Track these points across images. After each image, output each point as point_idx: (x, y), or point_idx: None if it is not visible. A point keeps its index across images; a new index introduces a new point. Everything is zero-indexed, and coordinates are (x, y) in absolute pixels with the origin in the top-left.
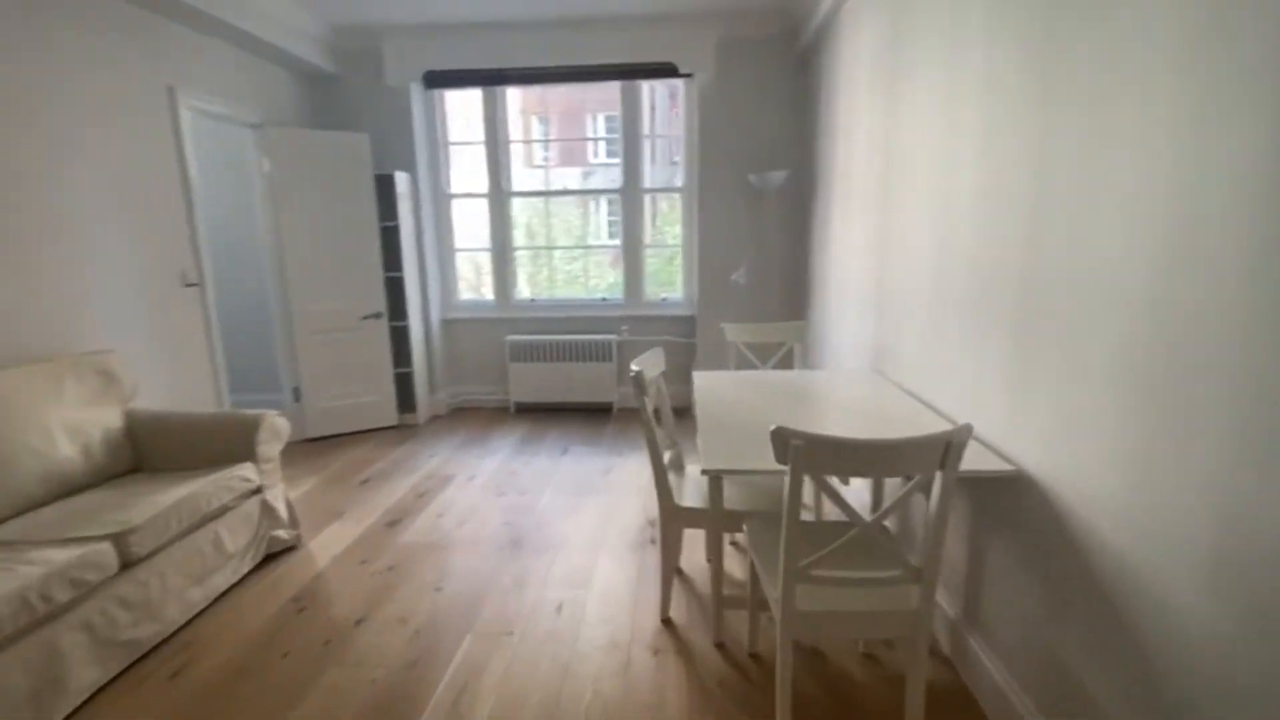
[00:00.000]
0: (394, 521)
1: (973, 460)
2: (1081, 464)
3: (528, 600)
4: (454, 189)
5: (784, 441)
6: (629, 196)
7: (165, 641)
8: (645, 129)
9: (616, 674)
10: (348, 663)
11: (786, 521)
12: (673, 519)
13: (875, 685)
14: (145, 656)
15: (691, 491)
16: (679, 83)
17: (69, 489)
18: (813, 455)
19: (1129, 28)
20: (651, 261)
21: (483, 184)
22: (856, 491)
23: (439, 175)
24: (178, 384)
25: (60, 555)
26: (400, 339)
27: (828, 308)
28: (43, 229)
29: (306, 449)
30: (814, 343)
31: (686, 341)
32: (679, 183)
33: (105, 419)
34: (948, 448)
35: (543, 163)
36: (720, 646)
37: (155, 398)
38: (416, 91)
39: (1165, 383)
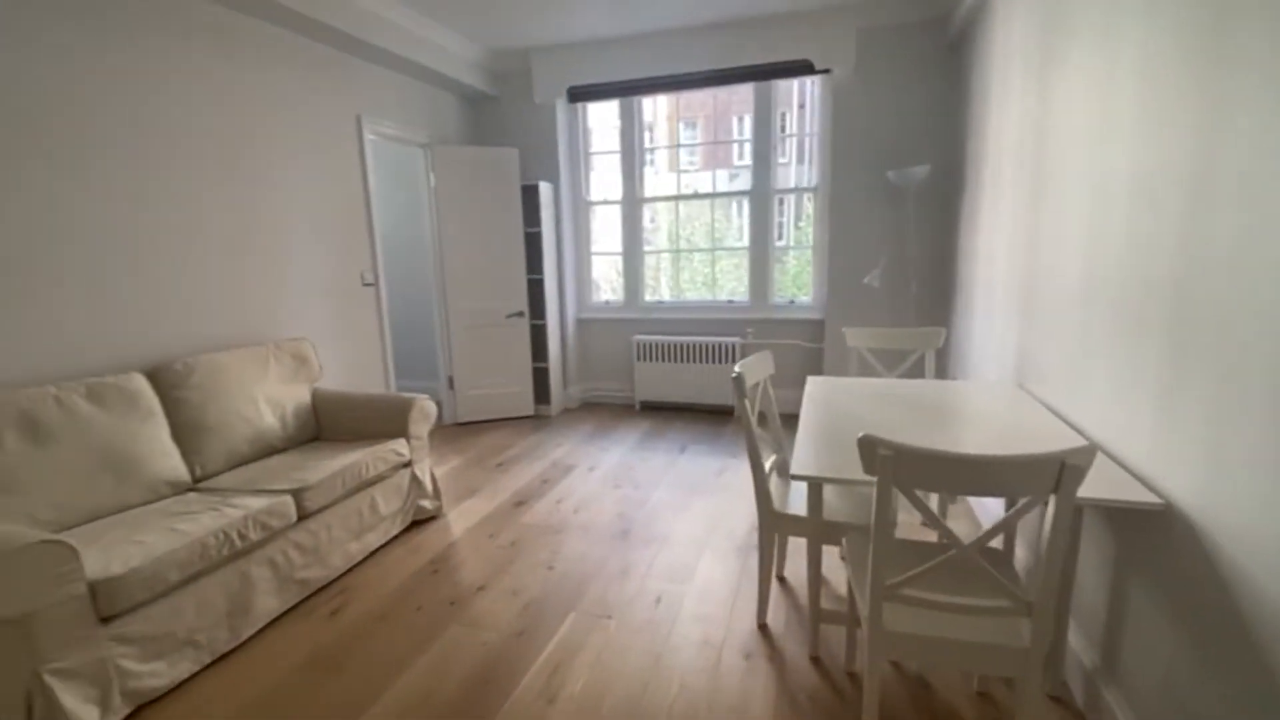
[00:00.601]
0: (520, 502)
1: (1112, 488)
2: (1241, 502)
3: (629, 589)
4: (593, 196)
5: (872, 450)
6: (759, 198)
7: (328, 585)
8: (794, 127)
9: (705, 672)
10: (466, 623)
11: (875, 535)
12: (770, 525)
13: None
14: (312, 595)
15: (796, 499)
16: (817, 79)
17: (268, 450)
18: (902, 467)
19: None
20: (794, 264)
21: (620, 190)
22: (989, 508)
23: (579, 183)
24: (354, 368)
25: (255, 503)
26: (539, 336)
27: (972, 314)
28: (256, 238)
29: (456, 431)
30: (955, 352)
31: (813, 346)
32: (813, 182)
33: (297, 395)
34: (1062, 469)
35: (689, 166)
36: (816, 660)
37: (335, 379)
38: (561, 106)
39: None
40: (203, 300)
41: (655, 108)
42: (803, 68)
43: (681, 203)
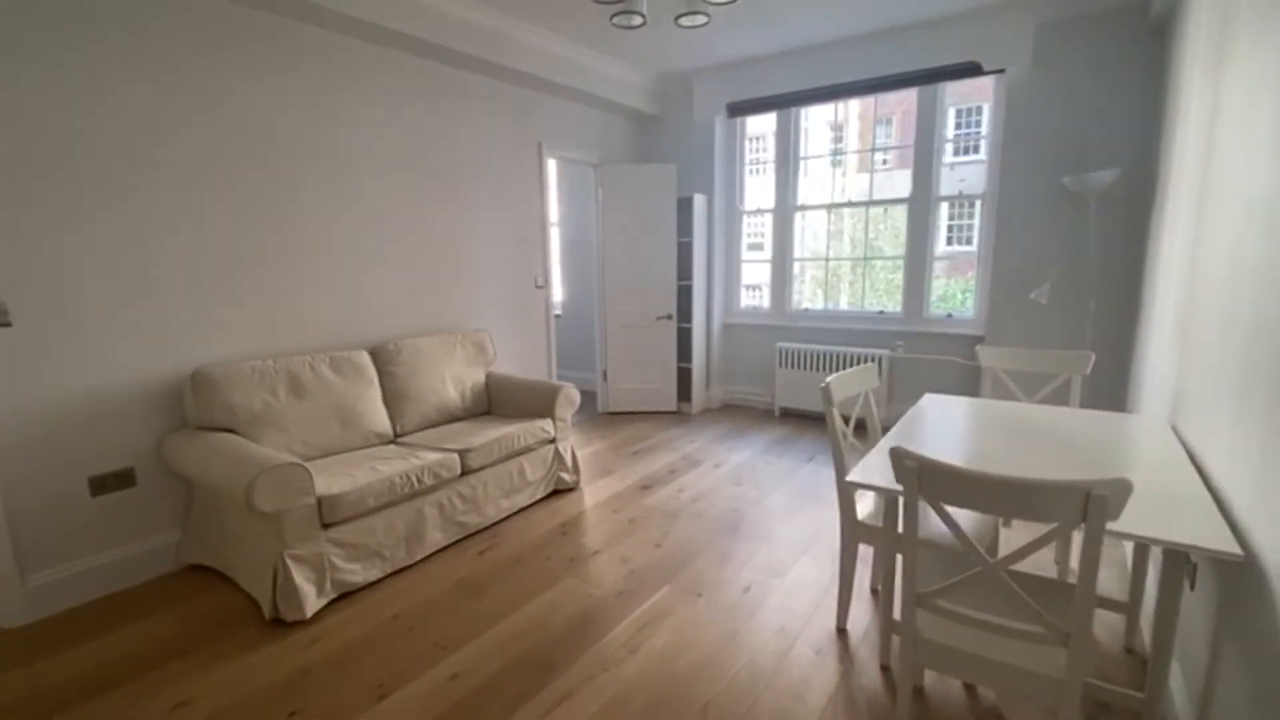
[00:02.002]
0: (646, 487)
1: (1202, 534)
2: None
3: (724, 574)
4: (747, 205)
5: (900, 461)
6: (917, 205)
7: (480, 531)
8: (986, 127)
9: (774, 655)
10: (580, 577)
11: (903, 543)
12: (850, 533)
13: None
14: (468, 537)
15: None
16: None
17: (449, 418)
18: (926, 479)
19: None
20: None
21: (773, 198)
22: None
23: (733, 194)
24: (523, 357)
25: (432, 456)
26: (684, 338)
27: (1148, 339)
28: (453, 248)
29: (605, 419)
30: (1134, 381)
31: (970, 364)
32: (979, 187)
33: (475, 376)
34: (1088, 500)
35: (881, 165)
36: (885, 669)
37: (507, 365)
38: (719, 121)
39: None
40: (411, 296)
41: (847, 108)
42: (969, 69)
43: (876, 208)
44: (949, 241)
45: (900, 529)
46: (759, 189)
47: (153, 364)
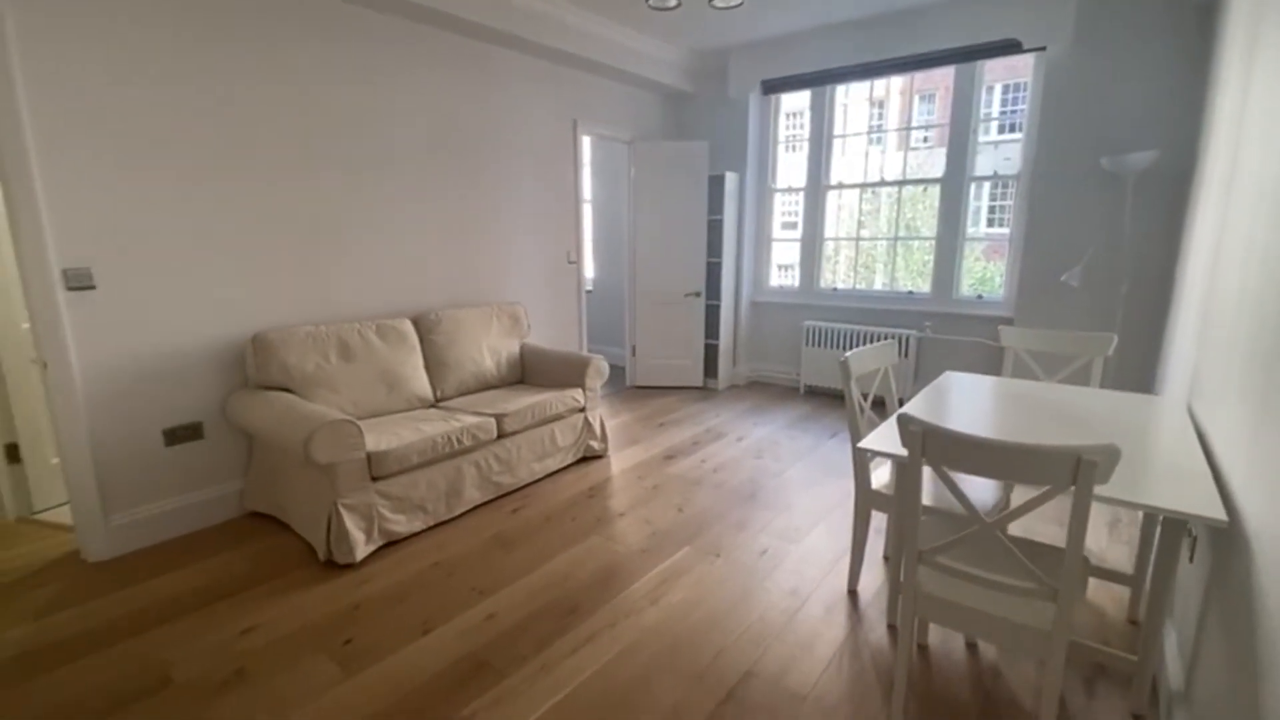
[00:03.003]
0: (670, 456)
1: (1190, 501)
2: None
3: (741, 538)
4: (779, 183)
5: (904, 426)
6: (951, 185)
7: (514, 491)
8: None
9: (784, 612)
10: (605, 536)
11: (905, 502)
12: (864, 498)
13: None
14: (503, 496)
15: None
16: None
17: (485, 386)
18: (929, 444)
19: None
20: None
21: (817, 177)
22: None
23: (765, 172)
24: (555, 330)
25: (470, 420)
26: (712, 315)
27: (1176, 322)
28: (490, 224)
29: (633, 393)
30: (1165, 363)
31: (998, 345)
32: (1015, 168)
33: (510, 347)
34: (1078, 464)
35: (919, 144)
36: (891, 628)
37: (540, 337)
38: (754, 98)
39: None
40: (451, 269)
41: (888, 84)
42: (1009, 47)
43: (903, 187)
44: (990, 223)
45: (903, 489)
46: (795, 166)
47: (218, 327)
